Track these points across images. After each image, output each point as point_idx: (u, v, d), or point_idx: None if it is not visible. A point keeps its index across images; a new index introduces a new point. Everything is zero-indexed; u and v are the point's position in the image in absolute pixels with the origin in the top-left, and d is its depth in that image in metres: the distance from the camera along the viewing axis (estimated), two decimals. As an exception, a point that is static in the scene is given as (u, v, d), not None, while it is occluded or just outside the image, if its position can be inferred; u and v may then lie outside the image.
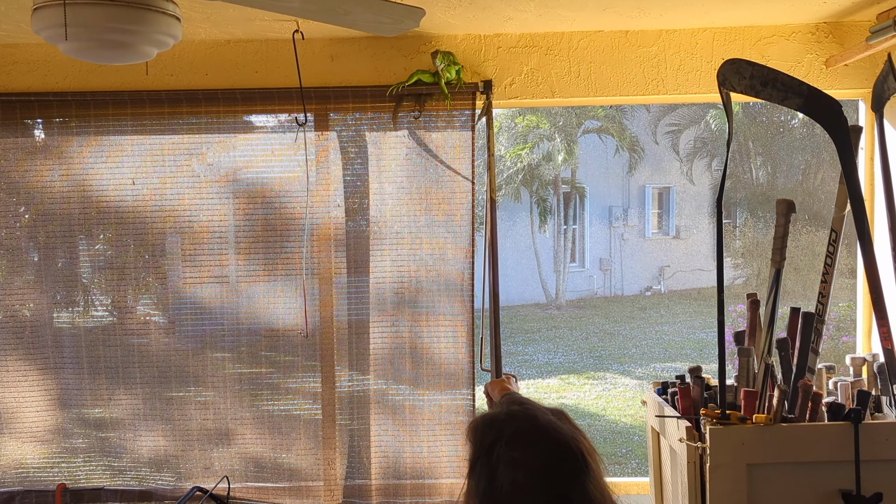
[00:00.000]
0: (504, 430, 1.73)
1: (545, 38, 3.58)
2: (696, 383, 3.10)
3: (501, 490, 1.65)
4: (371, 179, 3.62)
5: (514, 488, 1.65)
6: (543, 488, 1.65)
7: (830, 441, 2.80)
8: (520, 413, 1.78)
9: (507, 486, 1.65)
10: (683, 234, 22.53)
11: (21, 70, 3.58)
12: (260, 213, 3.65)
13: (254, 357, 3.69)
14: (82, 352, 3.66)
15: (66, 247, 3.67)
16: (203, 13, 3.16)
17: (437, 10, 3.19)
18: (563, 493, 1.65)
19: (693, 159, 20.86)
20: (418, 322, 3.62)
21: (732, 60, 2.97)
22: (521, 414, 1.78)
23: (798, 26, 3.55)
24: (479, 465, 1.71)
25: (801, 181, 18.23)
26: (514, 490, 1.65)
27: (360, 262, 3.63)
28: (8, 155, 3.62)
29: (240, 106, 3.57)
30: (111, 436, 3.72)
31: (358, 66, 3.58)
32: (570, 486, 1.66)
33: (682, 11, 3.33)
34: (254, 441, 3.70)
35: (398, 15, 2.33)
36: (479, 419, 1.81)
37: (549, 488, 1.65)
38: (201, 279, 3.66)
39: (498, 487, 1.66)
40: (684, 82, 3.60)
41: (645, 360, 14.06)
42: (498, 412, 1.81)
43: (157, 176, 3.61)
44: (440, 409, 3.63)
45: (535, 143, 18.88)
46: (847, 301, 9.71)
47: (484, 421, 1.80)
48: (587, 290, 21.30)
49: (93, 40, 1.88)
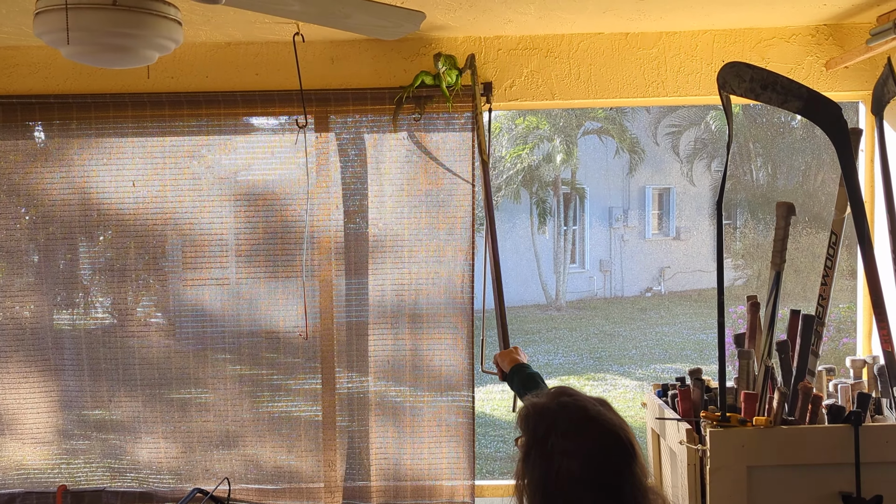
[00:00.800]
0: (557, 420, 1.85)
1: (545, 41, 3.59)
2: (697, 385, 3.10)
3: (558, 477, 1.78)
4: (371, 181, 3.62)
5: (569, 476, 1.78)
6: (597, 475, 1.79)
7: (830, 443, 2.81)
8: (570, 404, 1.88)
9: (562, 474, 1.78)
10: (684, 235, 22.53)
11: (22, 72, 3.58)
12: (260, 216, 3.65)
13: (254, 359, 3.69)
14: (83, 353, 3.67)
15: (66, 249, 3.67)
16: (203, 16, 3.16)
17: (437, 13, 3.20)
18: (615, 479, 1.79)
19: (693, 160, 20.87)
20: (418, 324, 3.62)
21: (732, 64, 2.97)
22: (571, 405, 1.88)
23: (798, 28, 3.56)
24: (533, 453, 1.83)
25: (801, 182, 18.23)
26: (570, 477, 1.78)
27: (359, 264, 3.64)
28: (9, 157, 3.62)
29: (240, 108, 3.57)
30: (112, 437, 3.72)
31: (358, 68, 3.58)
32: (620, 472, 1.80)
33: (682, 14, 3.33)
34: (254, 443, 3.70)
35: (398, 19, 2.33)
36: (531, 408, 1.91)
37: (602, 475, 1.79)
38: (201, 281, 3.67)
39: (553, 475, 1.79)
40: (684, 84, 3.60)
41: (645, 361, 14.06)
42: (548, 403, 1.90)
43: (158, 178, 3.62)
44: (440, 410, 3.63)
45: (535, 144, 18.89)
46: (848, 303, 9.71)
47: (536, 410, 1.90)
48: (587, 291, 21.30)
49: (94, 44, 1.88)
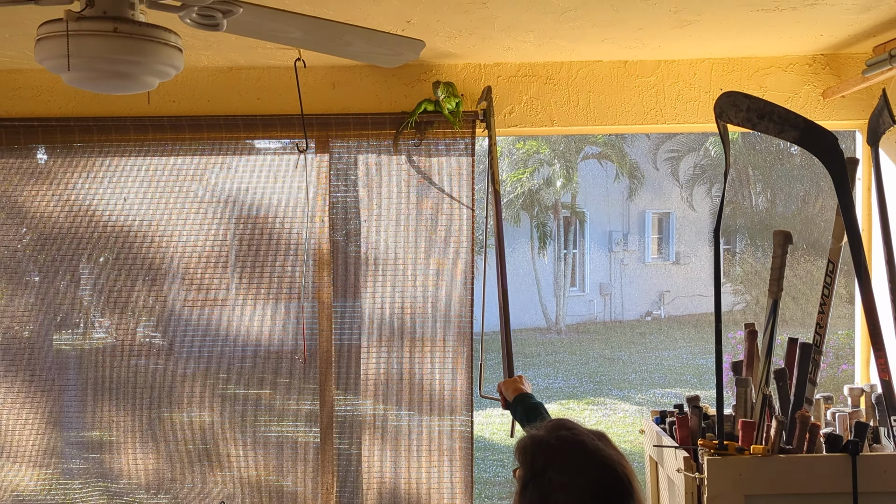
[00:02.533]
0: (554, 455, 1.82)
1: (544, 68, 3.61)
2: (694, 413, 3.10)
3: None
4: (371, 205, 3.64)
5: None
6: None
7: (828, 472, 2.80)
8: (568, 438, 1.85)
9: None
10: (683, 259, 22.54)
11: (25, 95, 3.61)
12: (261, 238, 3.66)
13: (252, 380, 3.69)
14: (82, 374, 3.67)
15: (67, 269, 3.68)
16: (205, 41, 3.19)
17: (437, 40, 3.22)
18: None
19: (693, 185, 20.91)
20: (417, 347, 3.63)
21: (729, 93, 2.99)
22: (569, 439, 1.85)
23: (795, 58, 3.58)
24: (530, 487, 1.81)
25: (800, 209, 18.26)
26: None
27: (358, 286, 3.65)
28: (12, 178, 3.63)
29: (242, 132, 3.59)
30: (109, 459, 3.71)
31: (359, 93, 3.61)
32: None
33: (680, 42, 3.36)
34: (251, 465, 3.70)
35: (398, 47, 2.35)
36: (529, 441, 1.88)
37: None
38: (201, 302, 3.68)
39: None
40: (682, 112, 3.62)
41: (645, 385, 14.02)
42: (546, 436, 1.88)
43: (160, 200, 3.63)
44: (439, 434, 3.63)
45: (535, 168, 18.93)
46: (846, 329, 9.70)
47: (533, 443, 1.87)
48: (587, 314, 21.28)
49: (95, 71, 1.90)
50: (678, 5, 2.85)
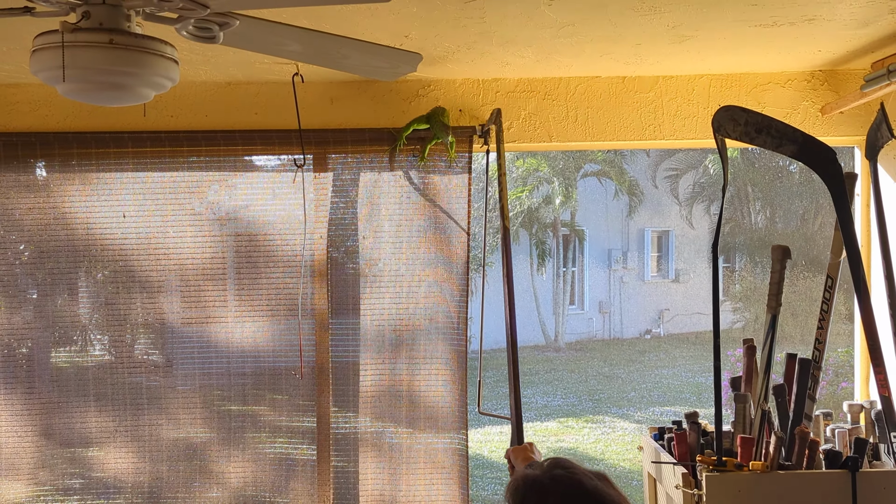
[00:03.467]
0: (548, 496, 1.67)
1: (543, 83, 3.61)
2: (693, 429, 3.08)
3: None
4: (368, 221, 3.63)
5: None
6: None
7: (827, 489, 2.78)
8: (564, 478, 1.70)
9: None
10: (682, 277, 22.53)
11: (22, 110, 3.61)
12: (259, 254, 3.65)
13: (250, 397, 3.67)
14: (79, 390, 3.65)
15: (65, 285, 3.67)
16: (203, 55, 3.19)
17: (435, 55, 3.22)
18: None
19: (692, 203, 20.93)
20: (412, 364, 3.61)
21: (727, 107, 2.99)
22: (565, 479, 1.70)
23: (794, 74, 3.59)
24: None
25: (799, 226, 18.27)
26: None
27: (355, 302, 3.64)
28: (10, 193, 3.62)
29: (239, 147, 3.59)
30: (106, 475, 3.69)
31: (357, 108, 3.61)
32: None
33: (678, 58, 3.36)
34: (250, 482, 3.67)
35: (395, 60, 2.35)
36: (521, 481, 1.73)
37: None
38: (199, 318, 3.66)
39: None
40: (681, 128, 3.62)
41: (644, 403, 13.98)
42: (540, 475, 1.73)
43: (157, 215, 3.62)
44: (434, 452, 3.60)
45: (534, 186, 18.95)
46: (846, 346, 9.68)
47: (525, 484, 1.72)
48: (586, 332, 21.24)
49: (90, 82, 1.89)
50: (676, 20, 2.85)
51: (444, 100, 3.58)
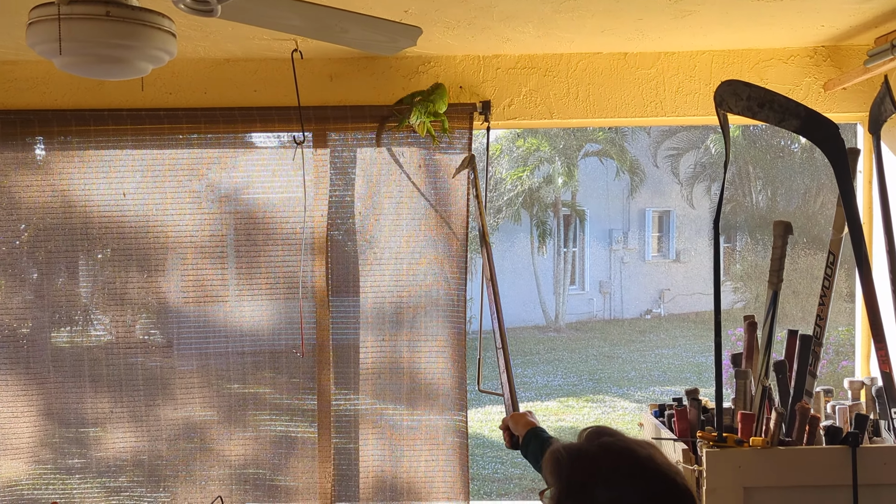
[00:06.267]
0: (599, 465, 1.51)
1: (544, 60, 3.59)
2: (693, 406, 3.08)
3: None
4: (367, 198, 3.61)
5: None
6: None
7: (828, 465, 2.79)
8: (615, 446, 1.54)
9: None
10: (683, 257, 22.53)
11: (20, 87, 3.58)
12: (258, 231, 3.64)
13: (251, 376, 3.67)
14: (79, 370, 3.64)
15: (64, 265, 3.66)
16: (202, 31, 3.16)
17: (435, 31, 3.20)
18: None
19: (693, 183, 20.90)
20: (412, 342, 3.60)
21: (730, 81, 2.97)
22: (616, 447, 1.54)
23: (796, 50, 3.56)
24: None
25: (801, 205, 18.25)
26: None
27: (355, 280, 3.63)
28: (8, 171, 3.61)
29: (238, 124, 3.56)
30: (107, 454, 3.69)
31: (357, 85, 3.58)
32: None
33: (680, 34, 3.33)
34: (250, 460, 3.68)
35: (395, 33, 2.33)
36: (563, 451, 1.56)
37: None
38: (199, 297, 3.65)
39: None
40: (682, 104, 3.60)
41: (644, 383, 14.02)
42: (585, 445, 1.57)
43: (158, 193, 3.60)
44: (435, 430, 3.61)
45: (535, 165, 18.92)
46: (846, 325, 9.69)
47: (569, 454, 1.55)
48: (587, 312, 21.27)
49: (87, 55, 1.88)
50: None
51: (444, 76, 3.56)
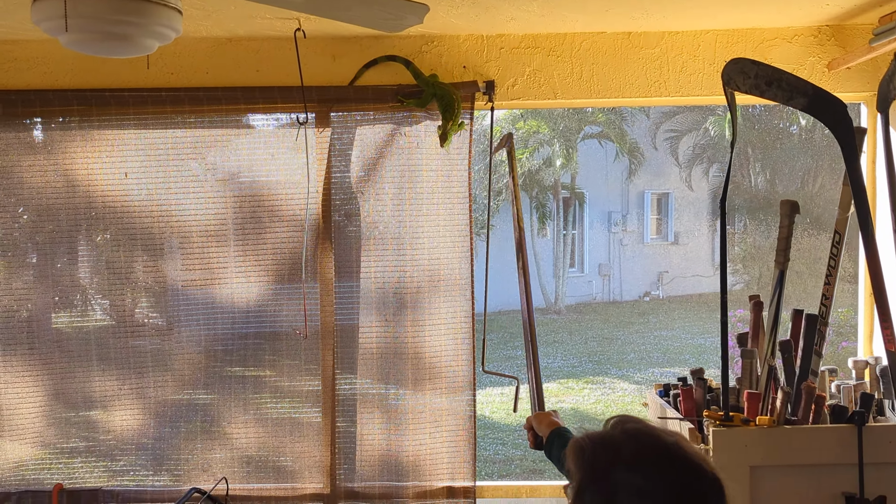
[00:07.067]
0: (622, 451, 1.47)
1: (547, 39, 3.57)
2: (699, 385, 3.08)
3: None
4: (370, 179, 3.60)
5: None
6: None
7: (833, 444, 2.79)
8: (640, 432, 1.50)
9: None
10: (682, 239, 22.54)
11: (21, 67, 3.56)
12: (260, 213, 3.62)
13: (253, 358, 3.67)
14: (81, 353, 3.64)
15: (65, 247, 3.64)
16: (204, 10, 3.14)
17: (439, 10, 3.18)
18: None
19: (692, 165, 20.88)
20: (418, 324, 3.59)
21: (737, 60, 2.96)
22: (640, 433, 1.50)
23: (800, 29, 3.54)
24: (588, 493, 1.46)
25: (800, 187, 18.22)
26: None
27: (358, 262, 3.61)
28: (9, 152, 3.59)
29: (241, 104, 3.54)
30: (109, 437, 3.70)
31: (360, 65, 3.56)
32: None
33: (684, 13, 3.32)
34: (253, 442, 3.68)
35: (401, 11, 2.31)
36: (586, 440, 1.52)
37: None
38: (200, 280, 3.64)
39: None
40: (686, 84, 3.58)
41: (644, 364, 14.06)
42: (609, 431, 1.53)
43: (159, 174, 3.58)
44: (440, 412, 3.60)
45: (535, 148, 18.88)
46: (847, 306, 9.69)
47: (593, 441, 1.51)
48: (586, 294, 21.29)
49: (93, 32, 1.86)
50: (684, -28, 2.81)
51: (447, 56, 3.54)
